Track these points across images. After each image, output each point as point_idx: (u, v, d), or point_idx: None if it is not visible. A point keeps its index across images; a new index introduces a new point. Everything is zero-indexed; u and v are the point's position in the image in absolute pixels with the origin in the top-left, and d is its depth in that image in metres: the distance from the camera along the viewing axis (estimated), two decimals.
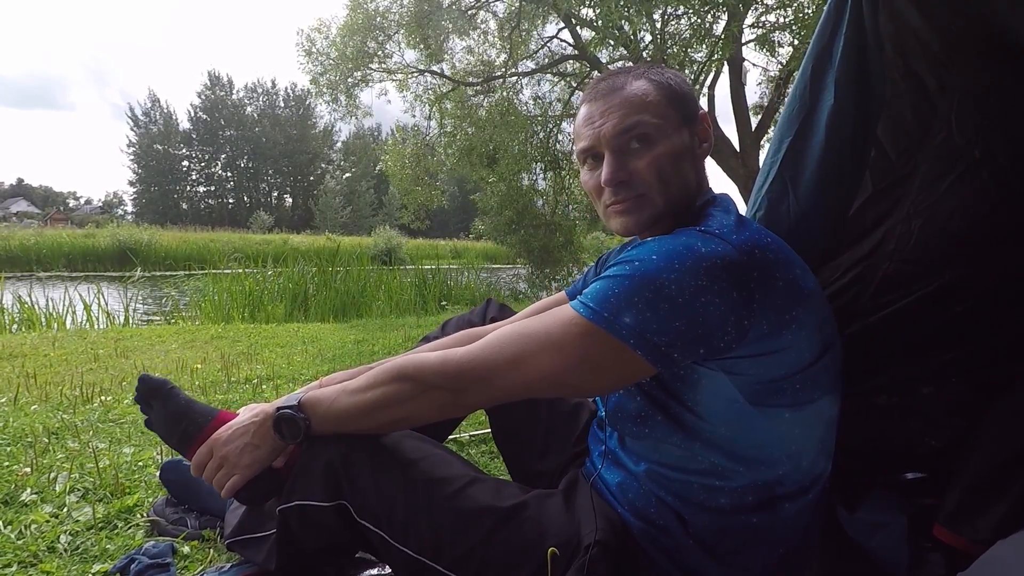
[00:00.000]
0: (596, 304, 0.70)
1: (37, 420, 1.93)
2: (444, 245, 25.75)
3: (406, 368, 0.79)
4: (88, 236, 19.63)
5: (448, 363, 0.77)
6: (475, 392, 0.77)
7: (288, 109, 56.88)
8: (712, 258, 0.67)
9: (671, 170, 0.81)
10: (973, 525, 0.85)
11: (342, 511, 0.82)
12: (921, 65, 0.88)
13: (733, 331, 0.68)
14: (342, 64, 10.35)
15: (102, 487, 1.40)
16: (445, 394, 0.77)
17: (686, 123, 0.83)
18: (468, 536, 0.77)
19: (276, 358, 3.22)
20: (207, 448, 0.85)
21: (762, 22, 8.55)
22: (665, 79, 0.84)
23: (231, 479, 0.84)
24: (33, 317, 5.29)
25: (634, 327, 0.68)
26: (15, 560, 1.09)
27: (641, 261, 0.70)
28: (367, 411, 0.80)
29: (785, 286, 0.70)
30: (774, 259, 0.71)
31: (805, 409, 0.74)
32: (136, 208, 53.76)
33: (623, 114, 0.80)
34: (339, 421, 0.82)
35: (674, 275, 0.67)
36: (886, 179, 0.94)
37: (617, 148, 0.81)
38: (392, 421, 0.82)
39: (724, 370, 0.71)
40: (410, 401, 0.79)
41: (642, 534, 0.80)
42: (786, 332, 0.70)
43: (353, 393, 0.81)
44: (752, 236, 0.71)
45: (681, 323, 0.67)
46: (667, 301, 0.67)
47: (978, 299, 0.91)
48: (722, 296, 0.67)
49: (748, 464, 0.75)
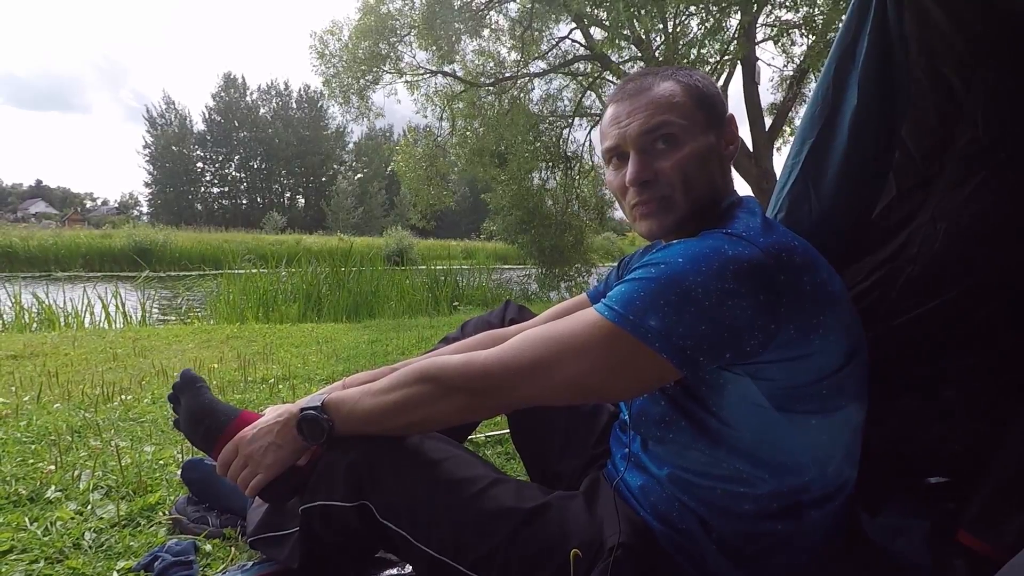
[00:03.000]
0: (621, 307, 0.70)
1: (60, 418, 1.96)
2: (456, 245, 25.76)
3: (429, 370, 0.79)
4: (105, 237, 19.92)
5: (471, 365, 0.76)
6: (498, 396, 0.77)
7: (301, 111, 57.33)
8: (739, 261, 0.67)
9: (696, 172, 0.80)
10: (998, 530, 0.83)
11: (364, 511, 0.83)
12: (946, 65, 0.87)
13: (760, 335, 0.67)
14: (354, 66, 10.42)
15: (125, 485, 1.42)
16: (468, 397, 0.77)
17: (713, 125, 0.83)
18: (490, 537, 0.78)
19: (291, 358, 3.25)
20: (232, 447, 0.87)
21: (774, 19, 8.48)
22: (693, 81, 0.83)
23: (255, 478, 0.85)
24: (52, 317, 5.37)
25: (660, 330, 0.67)
26: (42, 556, 1.11)
27: (667, 264, 0.69)
28: (390, 413, 0.81)
29: (812, 290, 0.69)
30: (801, 262, 0.70)
31: (833, 416, 0.73)
32: (152, 209, 54.50)
33: (649, 114, 0.80)
34: (362, 422, 0.82)
35: (700, 278, 0.66)
36: (911, 180, 0.93)
37: (642, 148, 0.81)
38: (414, 423, 0.82)
39: (750, 375, 0.71)
40: (432, 403, 0.79)
41: (665, 538, 0.79)
42: (814, 336, 0.69)
43: (376, 395, 0.81)
44: (779, 239, 0.71)
45: (708, 326, 0.66)
46: (693, 304, 0.66)
47: (1003, 302, 0.90)
48: (749, 299, 0.66)
49: (773, 471, 0.74)
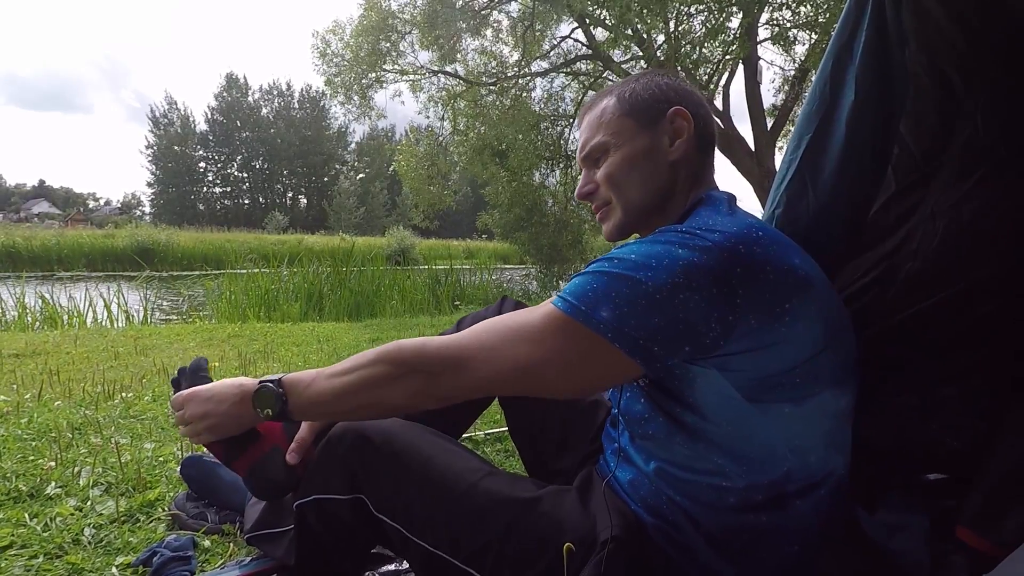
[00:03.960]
0: (574, 298, 0.71)
1: (61, 416, 1.97)
2: (457, 245, 25.79)
3: (387, 350, 0.78)
4: (107, 237, 19.97)
5: (427, 346, 0.77)
6: (449, 378, 0.75)
7: (303, 111, 57.37)
8: (689, 256, 0.68)
9: (624, 176, 0.86)
10: (997, 527, 0.83)
11: (359, 505, 0.83)
12: (946, 62, 0.87)
13: (718, 327, 0.67)
14: (356, 65, 10.43)
15: (124, 481, 1.43)
16: (421, 379, 0.76)
17: (645, 127, 0.86)
18: (484, 530, 0.78)
19: (292, 356, 3.25)
20: (188, 395, 0.88)
21: (776, 19, 8.48)
22: (628, 90, 0.89)
23: (198, 436, 0.88)
24: (55, 316, 5.40)
25: (611, 321, 0.68)
26: (41, 552, 1.12)
27: (620, 259, 0.71)
28: (343, 393, 0.79)
29: (777, 278, 0.69)
30: (762, 252, 0.69)
31: (806, 403, 0.73)
32: (154, 209, 54.56)
33: (587, 137, 0.91)
34: (315, 401, 0.81)
35: (651, 272, 0.68)
36: (910, 177, 0.92)
37: (588, 166, 0.92)
38: (366, 405, 0.80)
39: (717, 368, 0.71)
40: (387, 384, 0.78)
41: (656, 531, 0.80)
42: (779, 326, 0.69)
43: (331, 376, 0.81)
44: (737, 232, 0.70)
45: (660, 319, 0.67)
46: (644, 297, 0.67)
47: (1002, 300, 0.89)
48: (701, 292, 0.67)
49: (752, 463, 0.74)
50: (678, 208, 0.86)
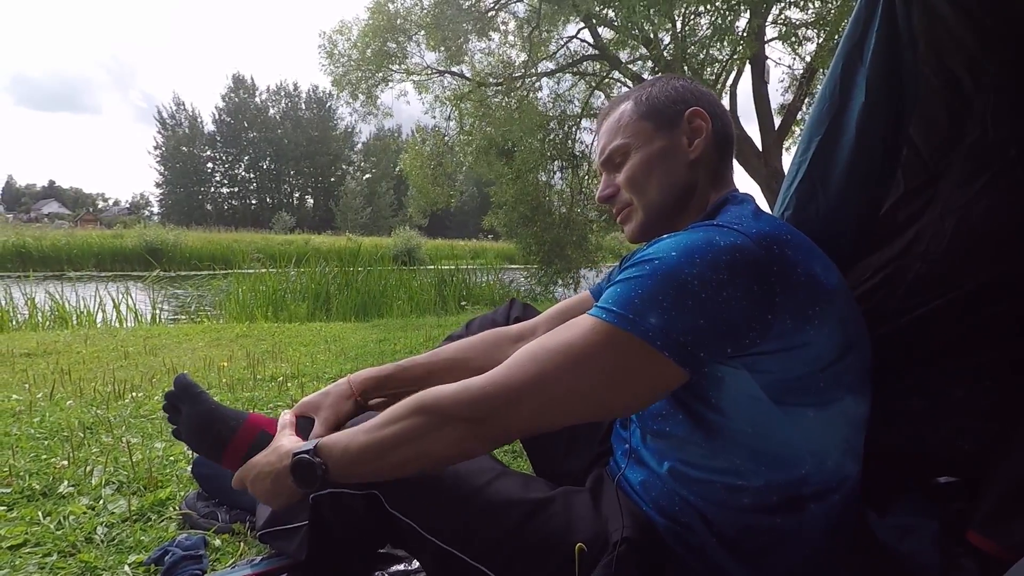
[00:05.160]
0: (619, 307, 0.68)
1: (72, 415, 1.99)
2: (463, 245, 25.80)
3: (425, 400, 0.73)
4: (116, 237, 20.16)
5: (468, 390, 0.71)
6: (498, 420, 0.70)
7: (310, 111, 57.67)
8: (731, 251, 0.67)
9: (644, 177, 0.87)
10: (1008, 530, 0.83)
11: (373, 500, 0.84)
12: (956, 62, 0.86)
13: (758, 326, 0.67)
14: (363, 65, 10.46)
15: (135, 480, 1.44)
16: (467, 426, 0.71)
17: (662, 129, 0.87)
18: (496, 528, 0.78)
19: (300, 356, 3.27)
20: (240, 479, 0.87)
21: (783, 18, 8.44)
22: (645, 94, 0.90)
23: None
24: (65, 315, 5.45)
25: (660, 327, 0.66)
26: (55, 549, 1.13)
27: (660, 259, 0.69)
28: (383, 449, 0.74)
29: (807, 281, 0.69)
30: (793, 254, 0.69)
31: (829, 408, 0.73)
32: (162, 209, 54.97)
33: (605, 142, 0.92)
34: (356, 462, 0.76)
35: (696, 269, 0.66)
36: (919, 178, 0.92)
37: (605, 170, 0.94)
38: (411, 459, 0.74)
39: (748, 368, 0.70)
40: (429, 435, 0.72)
41: (668, 532, 0.80)
42: (808, 327, 0.69)
43: (370, 431, 0.75)
44: (770, 230, 0.70)
45: (706, 320, 0.66)
46: (691, 297, 0.66)
47: (1012, 301, 0.89)
48: (743, 290, 0.66)
49: (769, 463, 0.74)
50: (701, 207, 0.87)
